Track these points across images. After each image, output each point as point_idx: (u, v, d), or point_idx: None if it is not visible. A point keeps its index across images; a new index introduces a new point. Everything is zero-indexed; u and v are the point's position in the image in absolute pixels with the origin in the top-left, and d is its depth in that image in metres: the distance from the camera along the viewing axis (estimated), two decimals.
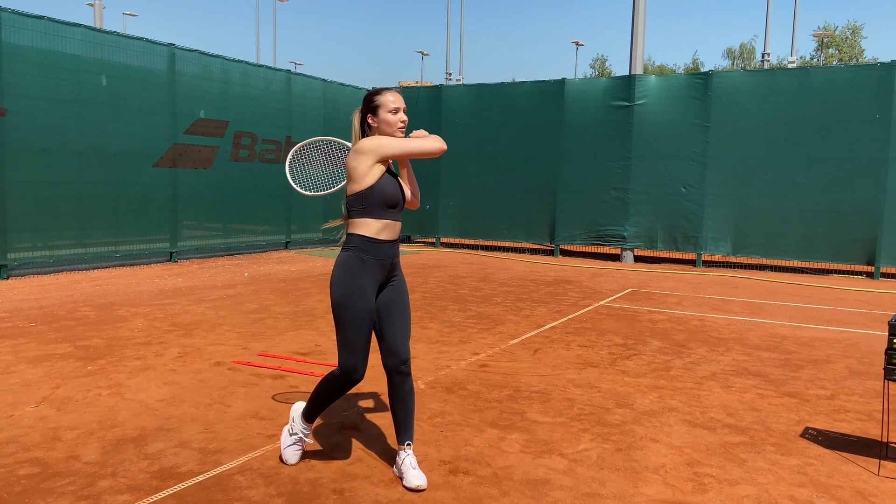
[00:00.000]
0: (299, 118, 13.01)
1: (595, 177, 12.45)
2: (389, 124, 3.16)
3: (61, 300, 7.38)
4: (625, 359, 5.47)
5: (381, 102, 3.18)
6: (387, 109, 3.16)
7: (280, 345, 5.66)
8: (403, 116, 3.19)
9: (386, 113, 3.16)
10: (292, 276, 9.64)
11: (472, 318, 6.98)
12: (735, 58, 57.11)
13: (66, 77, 9.09)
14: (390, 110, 3.16)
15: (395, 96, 3.19)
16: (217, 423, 3.83)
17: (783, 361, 5.52)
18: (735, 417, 4.15)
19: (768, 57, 25.75)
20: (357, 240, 3.09)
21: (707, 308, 7.86)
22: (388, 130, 3.17)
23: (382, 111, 3.17)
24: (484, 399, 4.37)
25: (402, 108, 3.19)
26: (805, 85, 10.93)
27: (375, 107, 3.19)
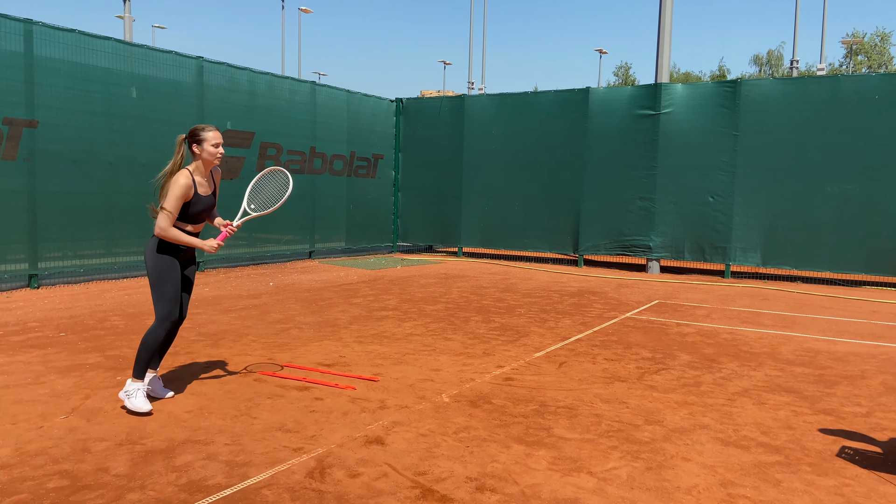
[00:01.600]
0: (323, 129, 13.10)
1: (620, 186, 12.34)
2: (211, 154, 4.26)
3: (91, 309, 7.48)
4: (653, 373, 5.38)
5: (205, 137, 4.22)
6: (211, 143, 4.22)
7: (305, 356, 5.66)
8: (221, 150, 4.30)
9: (210, 146, 4.23)
10: (316, 286, 9.67)
11: (496, 329, 6.93)
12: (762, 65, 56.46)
13: (97, 89, 9.25)
14: (213, 144, 4.22)
15: (215, 133, 4.27)
16: (244, 436, 3.83)
17: (817, 377, 5.39)
18: (769, 436, 4.05)
19: (797, 64, 25.40)
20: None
21: (737, 321, 7.72)
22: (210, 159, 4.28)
23: (207, 144, 4.23)
24: (510, 414, 4.32)
25: (221, 143, 4.26)
26: (836, 93, 10.74)
27: (201, 140, 4.23)
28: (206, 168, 4.30)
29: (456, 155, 14.08)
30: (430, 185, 14.48)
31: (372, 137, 14.29)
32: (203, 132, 4.22)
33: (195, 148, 4.22)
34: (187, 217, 4.22)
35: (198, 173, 4.26)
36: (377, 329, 6.81)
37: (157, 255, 4.18)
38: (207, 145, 4.20)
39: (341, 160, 13.60)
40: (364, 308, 7.99)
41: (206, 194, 4.29)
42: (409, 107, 14.81)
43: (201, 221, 4.33)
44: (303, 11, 42.21)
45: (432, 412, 4.32)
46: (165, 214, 4.09)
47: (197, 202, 4.21)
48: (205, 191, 4.29)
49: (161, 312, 4.17)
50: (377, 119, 14.44)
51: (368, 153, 14.25)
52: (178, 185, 4.09)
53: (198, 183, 4.24)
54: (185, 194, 4.12)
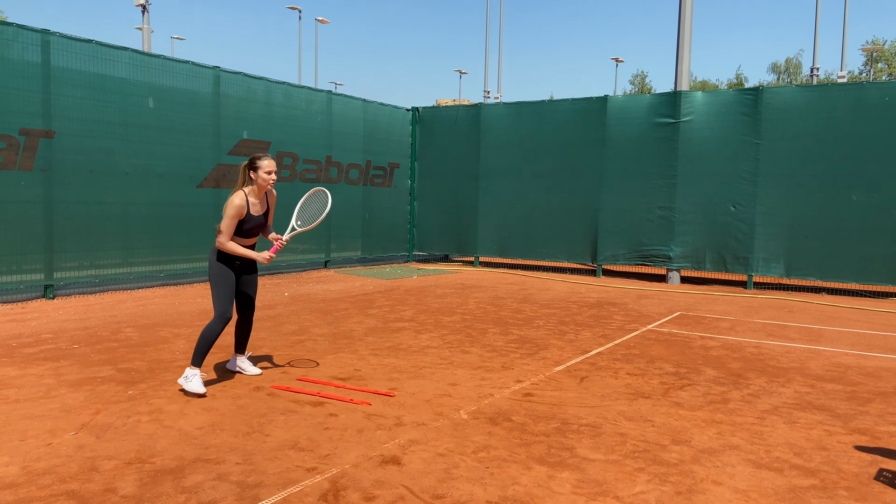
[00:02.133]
0: (339, 138, 13.05)
1: (639, 195, 12.16)
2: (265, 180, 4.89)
3: (105, 321, 7.43)
4: (678, 389, 5.21)
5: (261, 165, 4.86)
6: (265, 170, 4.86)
7: (319, 369, 5.55)
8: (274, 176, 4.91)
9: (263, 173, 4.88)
10: (332, 297, 9.58)
11: (514, 342, 6.78)
12: (780, 73, 55.95)
13: (114, 99, 9.25)
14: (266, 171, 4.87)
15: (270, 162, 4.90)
16: (256, 454, 3.72)
17: (849, 394, 5.19)
18: (803, 457, 3.87)
19: (817, 71, 25.06)
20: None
21: (762, 334, 7.51)
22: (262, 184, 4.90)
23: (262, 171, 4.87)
24: (530, 432, 4.17)
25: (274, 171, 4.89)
26: (860, 101, 10.50)
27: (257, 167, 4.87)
28: (261, 191, 4.94)
29: (472, 163, 13.98)
30: (447, 194, 14.37)
31: (388, 146, 14.22)
32: (258, 161, 4.86)
33: (251, 174, 4.87)
34: (241, 232, 4.90)
35: (252, 195, 4.91)
36: (393, 341, 6.69)
37: (214, 263, 4.90)
38: (261, 172, 4.85)
39: (357, 169, 13.54)
40: (380, 319, 7.88)
41: (257, 213, 4.95)
42: (424, 115, 14.74)
43: (254, 236, 5.00)
44: (319, 21, 42.47)
45: (450, 430, 4.18)
46: (222, 230, 4.78)
47: (249, 220, 4.88)
48: (257, 210, 4.94)
49: (217, 310, 4.84)
50: (393, 128, 14.38)
51: (384, 162, 14.18)
52: (232, 206, 4.77)
53: (251, 203, 4.89)
54: (238, 213, 4.79)
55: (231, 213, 4.76)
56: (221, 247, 4.81)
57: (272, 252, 4.92)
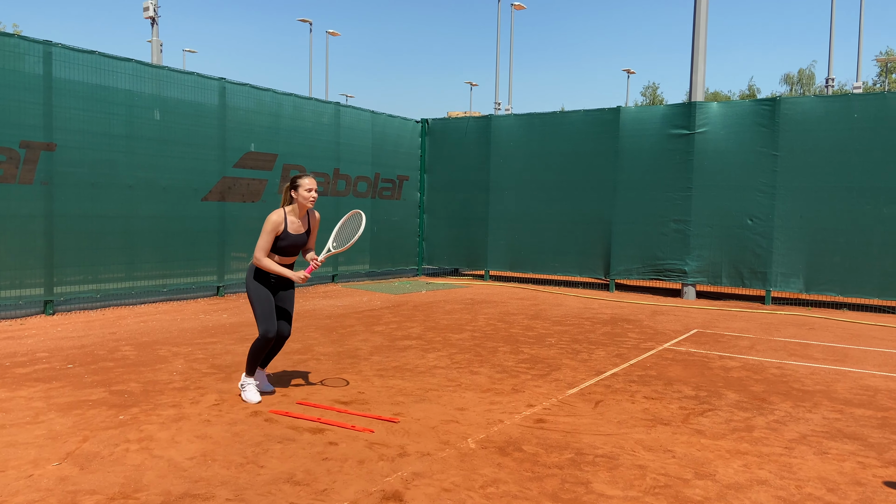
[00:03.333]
0: (347, 150, 12.87)
1: (653, 208, 11.88)
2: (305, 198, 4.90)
3: (104, 338, 7.23)
4: (699, 415, 4.92)
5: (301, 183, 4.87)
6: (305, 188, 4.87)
7: (321, 391, 5.31)
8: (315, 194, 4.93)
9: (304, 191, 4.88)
10: (338, 312, 9.35)
11: (525, 361, 6.51)
12: (793, 84, 55.53)
13: (117, 111, 9.11)
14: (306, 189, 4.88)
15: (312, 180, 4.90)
16: (248, 489, 3.47)
17: (881, 421, 4.88)
18: (837, 494, 3.58)
19: (833, 82, 24.72)
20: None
21: (784, 353, 7.19)
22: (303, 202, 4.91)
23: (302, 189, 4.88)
24: (542, 464, 3.90)
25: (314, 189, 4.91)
26: (884, 111, 10.20)
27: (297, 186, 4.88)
28: (301, 210, 4.93)
29: (482, 176, 13.75)
30: (456, 207, 14.15)
31: (397, 159, 14.03)
32: (299, 179, 4.87)
33: (293, 193, 4.89)
34: (278, 250, 4.90)
35: (293, 213, 4.92)
36: (399, 361, 6.44)
37: (250, 280, 4.96)
38: (302, 190, 4.85)
39: (366, 182, 13.35)
40: (386, 337, 7.63)
41: (296, 232, 4.94)
42: (434, 127, 14.55)
43: (291, 255, 4.98)
44: (330, 34, 42.58)
45: (457, 461, 3.92)
46: (258, 246, 4.82)
47: (285, 238, 4.88)
48: (296, 229, 4.94)
49: (260, 329, 4.88)
50: (402, 140, 14.19)
51: (393, 175, 13.99)
52: (269, 222, 4.81)
53: (289, 221, 4.90)
54: (274, 230, 4.82)
55: (267, 228, 4.79)
56: (257, 263, 4.85)
57: (307, 272, 4.88)
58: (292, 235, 4.89)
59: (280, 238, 4.86)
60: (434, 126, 14.56)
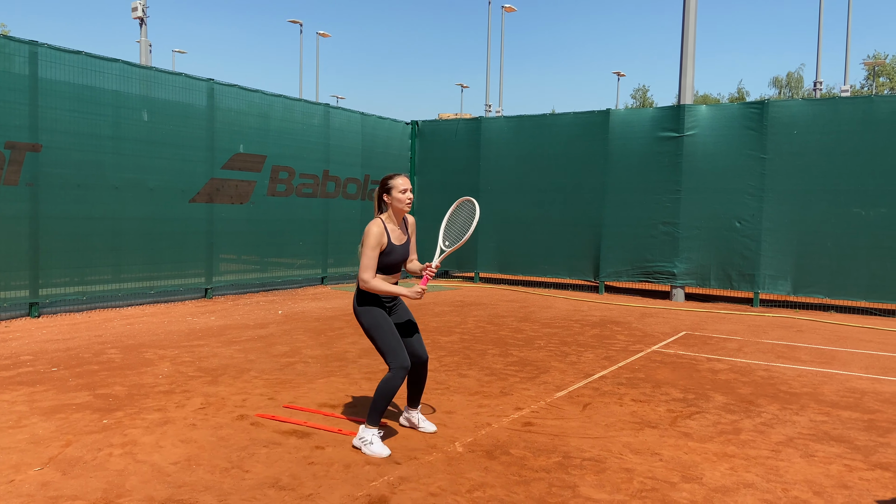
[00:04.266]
0: (337, 152, 12.84)
1: (642, 210, 11.91)
2: (400, 201, 4.18)
3: (89, 341, 7.16)
4: (686, 417, 4.92)
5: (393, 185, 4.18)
6: (398, 190, 4.17)
7: (308, 395, 5.27)
8: (410, 195, 4.21)
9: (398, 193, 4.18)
10: (327, 315, 9.31)
11: (514, 364, 6.50)
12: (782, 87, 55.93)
13: (104, 112, 9.03)
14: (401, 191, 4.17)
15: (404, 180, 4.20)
16: (232, 494, 3.44)
17: (867, 423, 4.90)
18: (823, 497, 3.58)
19: (820, 85, 24.90)
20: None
21: (772, 356, 7.22)
22: (399, 206, 4.19)
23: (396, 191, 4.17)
24: (530, 467, 3.89)
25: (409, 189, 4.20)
26: (870, 114, 10.27)
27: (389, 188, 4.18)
28: (398, 216, 4.23)
29: (472, 178, 13.75)
30: (446, 209, 13.97)
31: (387, 160, 14.00)
32: (390, 180, 4.20)
33: (385, 197, 4.20)
34: (383, 267, 4.15)
35: (390, 221, 4.21)
36: None
37: (361, 309, 4.15)
38: (396, 192, 4.17)
39: (355, 183, 13.31)
40: None
41: (400, 243, 4.22)
42: (424, 129, 14.54)
43: (397, 270, 4.26)
44: (321, 35, 42.49)
45: (444, 465, 3.89)
46: (364, 266, 4.05)
47: (392, 251, 4.16)
48: (398, 238, 4.23)
49: (392, 363, 4.03)
50: (392, 142, 14.17)
51: (383, 176, 13.94)
52: (371, 235, 4.06)
53: (390, 231, 4.19)
54: (378, 242, 4.08)
55: (371, 243, 4.03)
56: (366, 286, 4.04)
57: (423, 283, 4.09)
58: (398, 247, 4.17)
59: (385, 253, 4.11)
60: (424, 128, 14.54)
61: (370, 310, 4.13)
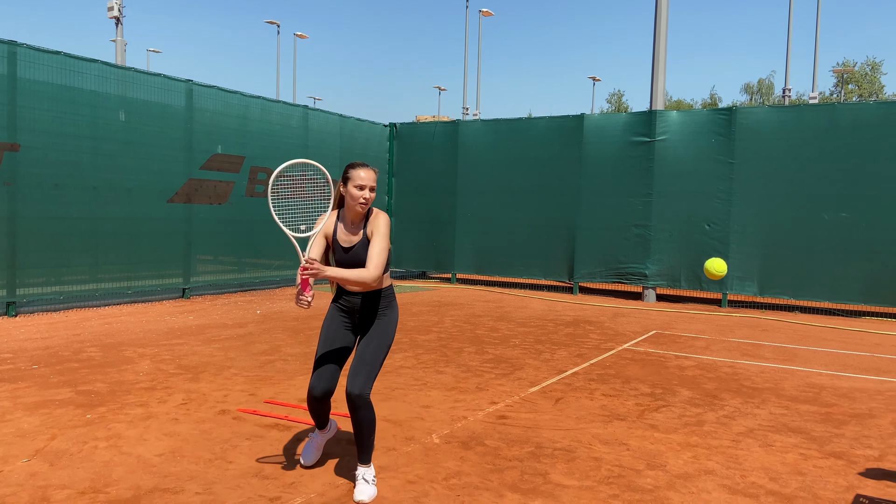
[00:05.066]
0: (316, 153, 12.92)
1: (615, 213, 12.19)
2: (353, 197, 3.47)
3: (68, 339, 7.20)
4: (653, 411, 5.14)
5: (351, 175, 3.46)
6: (354, 183, 3.45)
7: (288, 391, 5.40)
8: (367, 194, 3.47)
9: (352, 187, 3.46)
10: (305, 315, 9.41)
11: (490, 361, 6.68)
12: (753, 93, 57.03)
13: (82, 112, 9.05)
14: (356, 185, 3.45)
15: (367, 173, 3.47)
16: (217, 483, 3.57)
17: (824, 416, 5.16)
18: (779, 483, 3.81)
19: (789, 92, 25.53)
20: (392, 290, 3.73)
21: (737, 353, 7.50)
22: (350, 202, 3.49)
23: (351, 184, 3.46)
24: (503, 457, 4.06)
25: (367, 187, 3.46)
26: (833, 121, 10.66)
27: (346, 178, 3.49)
28: (350, 214, 3.50)
29: (450, 180, 13.93)
30: (424, 211, 14.29)
31: (365, 162, 14.10)
32: (350, 170, 3.46)
33: (341, 188, 3.52)
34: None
35: (345, 217, 3.53)
36: None
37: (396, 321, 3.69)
38: (351, 185, 3.45)
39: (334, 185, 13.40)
40: None
41: (346, 245, 3.47)
42: (402, 132, 14.69)
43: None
44: (298, 37, 42.43)
45: (421, 455, 4.06)
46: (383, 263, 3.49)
47: (335, 250, 3.51)
48: (345, 239, 3.48)
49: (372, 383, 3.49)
50: (371, 144, 14.30)
51: None
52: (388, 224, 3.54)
53: (339, 226, 3.51)
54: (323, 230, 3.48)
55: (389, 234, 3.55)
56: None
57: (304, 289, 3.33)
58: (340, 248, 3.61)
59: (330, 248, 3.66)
60: (402, 130, 14.69)
61: (330, 312, 3.66)
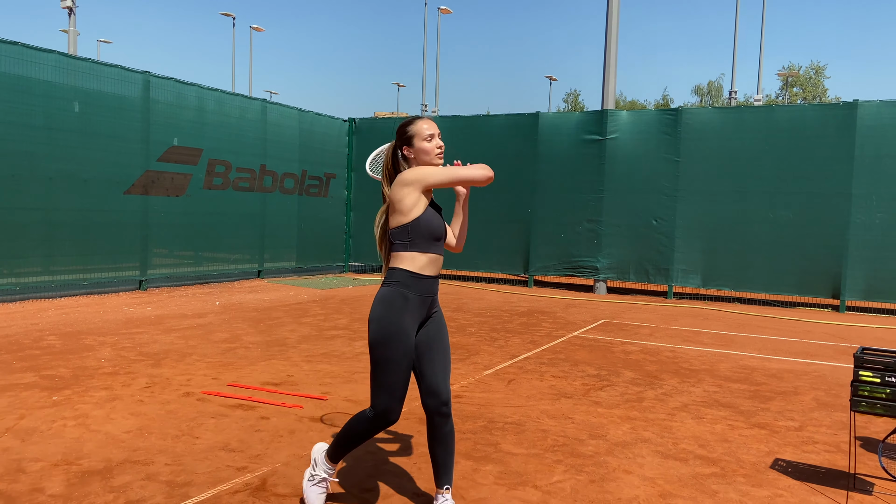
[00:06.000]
0: (274, 147, 13.01)
1: (569, 209, 12.61)
2: (426, 152, 2.98)
3: (26, 328, 7.21)
4: (598, 390, 5.50)
5: (415, 132, 2.99)
6: (422, 138, 2.98)
7: (251, 375, 5.58)
8: (439, 142, 3.01)
9: (421, 141, 2.98)
10: (265, 306, 9.55)
11: None
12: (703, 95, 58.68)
13: (38, 103, 9.00)
14: (425, 138, 2.98)
15: (429, 123, 3.01)
16: (185, 456, 3.76)
17: (753, 393, 5.59)
18: (706, 448, 4.19)
19: (735, 95, 26.50)
20: (400, 274, 2.94)
21: (678, 339, 7.95)
22: (426, 159, 2.99)
23: (418, 140, 2.98)
24: (458, 430, 4.35)
25: (436, 134, 3.00)
26: (771, 122, 11.27)
27: (410, 137, 3.00)
28: None
29: None
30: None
31: (324, 156, 14.25)
32: (410, 126, 3.02)
33: (406, 151, 3.03)
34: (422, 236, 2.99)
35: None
36: (327, 348, 6.76)
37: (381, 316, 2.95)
38: (419, 141, 2.99)
39: (292, 178, 13.51)
40: (314, 327, 7.92)
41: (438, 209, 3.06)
42: (361, 127, 14.86)
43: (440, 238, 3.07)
44: (254, 29, 41.99)
45: None
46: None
47: (433, 216, 3.01)
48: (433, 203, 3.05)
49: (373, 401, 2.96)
50: (330, 138, 14.43)
51: (321, 172, 14.20)
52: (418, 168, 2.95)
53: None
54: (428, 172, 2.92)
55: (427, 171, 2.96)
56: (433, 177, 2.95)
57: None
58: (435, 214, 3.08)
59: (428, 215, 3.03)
60: (361, 125, 14.86)
61: (395, 321, 2.89)
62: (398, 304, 2.90)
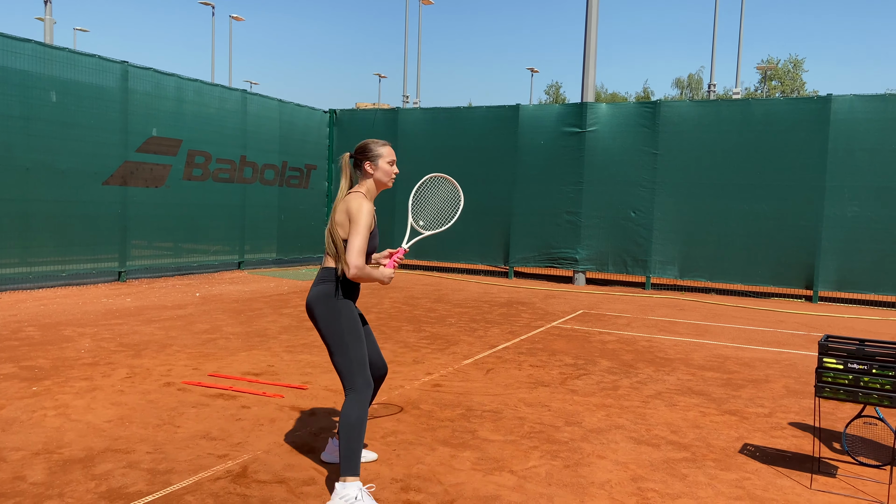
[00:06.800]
0: (255, 138, 12.97)
1: (548, 200, 12.72)
2: (387, 174, 3.47)
3: (5, 320, 7.17)
4: (575, 378, 5.61)
5: (383, 153, 3.45)
6: (386, 160, 3.45)
7: (232, 365, 5.62)
8: (396, 169, 3.54)
9: (385, 164, 3.45)
10: (245, 297, 9.55)
11: (426, 338, 7.04)
12: (683, 87, 59.11)
13: (14, 92, 8.90)
14: (389, 161, 3.47)
15: (392, 152, 3.51)
16: (166, 444, 3.80)
17: (725, 381, 5.74)
18: (678, 434, 4.31)
19: (714, 88, 26.77)
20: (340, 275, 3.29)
21: (655, 329, 8.09)
22: (384, 179, 3.46)
23: (383, 161, 3.44)
24: (436, 418, 4.43)
25: (395, 161, 3.53)
26: (747, 116, 11.44)
27: (377, 156, 3.43)
28: (378, 191, 3.47)
29: None
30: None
31: (305, 148, 14.22)
32: (378, 147, 3.44)
33: (368, 166, 3.40)
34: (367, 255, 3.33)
35: (370, 197, 3.40)
36: (307, 339, 6.81)
37: (339, 304, 3.25)
38: (383, 162, 3.42)
39: (273, 170, 13.48)
40: (294, 318, 7.96)
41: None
42: (342, 118, 14.84)
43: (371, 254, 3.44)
44: (234, 19, 41.55)
45: None
46: (357, 249, 3.16)
47: (375, 235, 3.36)
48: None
49: (359, 380, 3.19)
50: (310, 129, 14.40)
51: (301, 163, 14.17)
52: (365, 212, 3.22)
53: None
54: (371, 221, 3.27)
55: (366, 221, 3.22)
56: (359, 274, 3.17)
57: (392, 267, 3.46)
58: (376, 231, 3.39)
59: (372, 235, 3.32)
60: (342, 117, 14.84)
61: (349, 307, 3.27)
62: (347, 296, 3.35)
